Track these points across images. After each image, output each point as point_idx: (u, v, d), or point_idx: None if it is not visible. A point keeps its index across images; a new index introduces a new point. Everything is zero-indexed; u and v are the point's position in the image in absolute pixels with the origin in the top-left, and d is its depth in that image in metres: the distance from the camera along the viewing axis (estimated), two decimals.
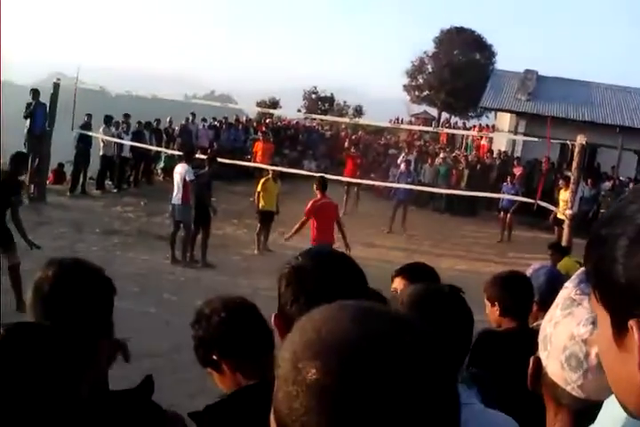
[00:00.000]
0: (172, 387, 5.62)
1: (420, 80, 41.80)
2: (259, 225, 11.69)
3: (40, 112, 13.05)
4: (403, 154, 19.73)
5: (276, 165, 13.55)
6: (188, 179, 9.97)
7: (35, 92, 13.23)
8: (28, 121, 13.10)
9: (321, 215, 8.99)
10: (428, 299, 1.79)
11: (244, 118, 22.01)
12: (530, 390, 1.05)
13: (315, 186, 9.26)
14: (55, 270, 1.54)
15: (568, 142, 10.87)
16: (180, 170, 10.16)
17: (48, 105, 13.06)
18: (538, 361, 1.02)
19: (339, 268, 1.48)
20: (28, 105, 13.13)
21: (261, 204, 11.64)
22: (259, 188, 11.74)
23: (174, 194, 10.19)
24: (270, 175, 11.90)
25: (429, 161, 19.43)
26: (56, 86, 13.25)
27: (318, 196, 9.15)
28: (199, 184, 10.17)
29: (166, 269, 9.76)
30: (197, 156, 15.07)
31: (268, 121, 21.76)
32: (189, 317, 6.75)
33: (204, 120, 19.06)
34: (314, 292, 1.40)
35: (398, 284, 2.77)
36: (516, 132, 22.32)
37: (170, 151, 15.99)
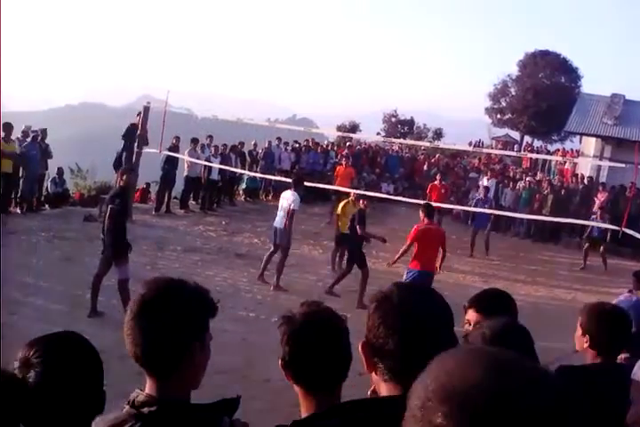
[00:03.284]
0: (243, 403, 5.75)
1: (503, 103, 41.28)
2: (335, 246, 11.78)
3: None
4: (484, 178, 19.50)
5: (355, 188, 13.62)
6: (293, 208, 10.16)
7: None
8: (123, 141, 13.79)
9: (424, 241, 8.81)
10: (505, 339, 1.79)
11: (325, 142, 22.31)
12: None
13: (421, 212, 9.13)
14: (149, 290, 1.58)
15: None
16: (289, 197, 10.30)
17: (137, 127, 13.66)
18: None
19: (424, 302, 1.49)
20: (131, 126, 13.75)
21: (339, 226, 11.68)
22: (338, 211, 11.78)
23: (278, 217, 10.36)
24: (350, 199, 11.91)
25: (511, 185, 19.12)
26: (146, 109, 13.85)
27: (425, 222, 9.02)
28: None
29: (244, 288, 9.97)
30: (280, 178, 15.45)
31: (347, 144, 21.95)
32: (264, 334, 6.93)
33: (286, 144, 19.46)
34: (399, 324, 1.43)
35: (471, 316, 2.66)
36: (601, 157, 21.66)
37: (252, 173, 16.39)
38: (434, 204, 12.84)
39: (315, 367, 1.79)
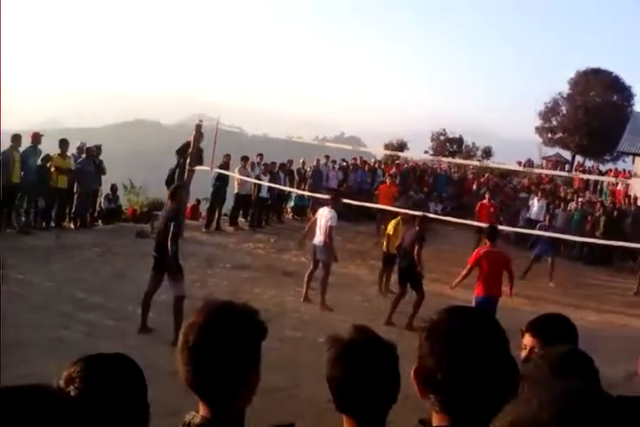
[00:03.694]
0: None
1: (554, 122, 40.72)
2: (382, 267, 11.73)
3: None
4: (534, 198, 19.22)
5: (398, 208, 13.54)
6: (330, 224, 10.18)
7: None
8: (177, 158, 14.09)
9: (487, 265, 8.67)
10: (571, 368, 1.75)
11: (372, 160, 22.33)
12: None
13: (485, 235, 9.04)
14: (203, 318, 1.56)
15: None
16: (326, 214, 10.35)
17: (191, 145, 13.92)
18: None
19: (477, 331, 1.44)
20: (187, 144, 14.04)
21: (389, 246, 11.59)
22: (390, 230, 11.63)
23: (317, 235, 10.41)
24: (399, 218, 11.83)
25: (562, 206, 18.80)
26: (198, 127, 14.10)
27: (487, 244, 8.97)
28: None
29: (291, 306, 9.99)
30: (327, 196, 15.51)
31: (396, 163, 21.93)
32: (311, 355, 6.92)
33: (334, 162, 19.55)
34: (448, 357, 1.39)
35: (528, 341, 2.61)
36: None
37: (300, 192, 16.50)
38: (481, 223, 12.78)
39: (360, 393, 1.78)
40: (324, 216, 10.37)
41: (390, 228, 11.63)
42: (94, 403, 1.54)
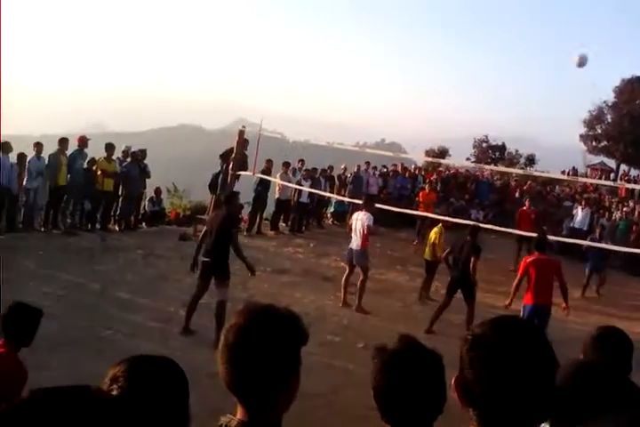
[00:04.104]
0: None
1: (599, 130, 40.01)
2: (425, 274, 11.66)
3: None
4: (578, 207, 18.90)
5: (439, 214, 13.46)
6: (368, 224, 10.19)
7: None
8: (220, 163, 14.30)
9: (535, 274, 8.50)
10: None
11: (413, 167, 22.22)
12: None
13: (533, 244, 8.91)
14: (244, 320, 1.57)
15: None
16: (362, 217, 10.37)
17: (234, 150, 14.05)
18: None
19: (520, 343, 1.38)
20: (230, 149, 14.21)
21: (432, 254, 11.45)
22: (435, 239, 11.46)
23: (353, 239, 10.43)
24: (440, 226, 11.72)
25: (606, 215, 18.45)
26: (241, 133, 14.23)
27: (535, 253, 8.81)
28: None
29: (330, 311, 10.01)
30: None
31: (437, 170, 21.80)
32: (350, 360, 6.95)
33: (375, 168, 19.55)
34: (486, 372, 1.36)
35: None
36: None
37: (340, 197, 16.53)
38: (524, 232, 12.59)
39: (405, 403, 1.77)
40: (359, 220, 10.39)
41: (434, 236, 11.50)
42: (136, 402, 1.56)
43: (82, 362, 6.34)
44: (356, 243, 10.37)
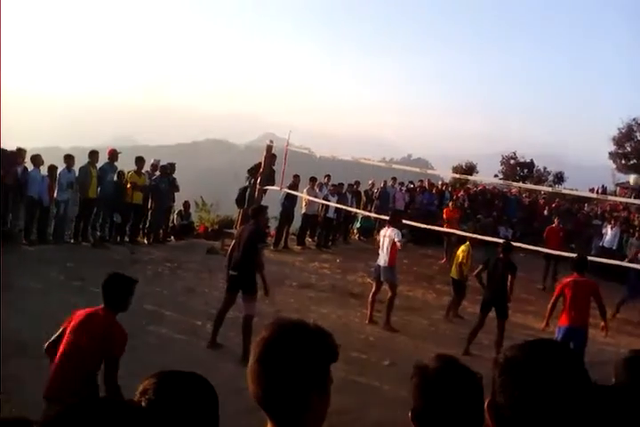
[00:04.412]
0: None
1: (628, 148, 39.61)
2: (453, 293, 11.57)
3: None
4: (608, 226, 18.68)
5: (466, 231, 13.33)
6: (397, 240, 10.11)
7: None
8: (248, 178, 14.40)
9: (571, 294, 8.33)
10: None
11: (440, 183, 22.13)
12: None
13: (572, 264, 8.79)
14: (274, 334, 1.56)
15: None
16: (389, 233, 10.32)
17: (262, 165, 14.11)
18: None
19: (551, 368, 1.34)
20: (258, 164, 14.31)
21: (459, 273, 11.35)
22: (463, 258, 11.27)
23: (381, 256, 10.37)
24: (469, 244, 11.59)
25: (636, 234, 18.17)
26: (269, 148, 14.29)
27: (574, 275, 8.61)
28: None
29: (356, 328, 9.96)
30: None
31: (465, 186, 21.67)
32: (376, 378, 6.90)
33: (402, 184, 19.51)
34: (516, 395, 1.33)
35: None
36: None
37: (366, 213, 16.50)
38: (554, 251, 12.41)
39: (445, 423, 1.75)
40: (387, 236, 10.33)
41: (462, 255, 11.30)
42: (164, 415, 1.58)
43: None
44: (383, 259, 10.31)
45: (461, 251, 11.40)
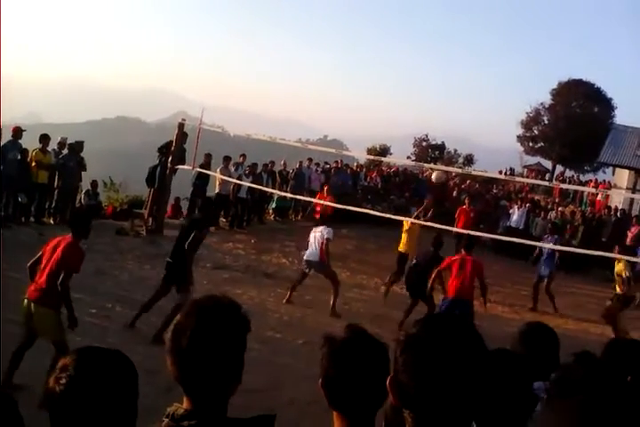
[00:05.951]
0: None
1: (535, 131, 41.15)
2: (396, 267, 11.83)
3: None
4: (515, 206, 19.41)
5: (381, 211, 13.56)
6: (327, 237, 10.28)
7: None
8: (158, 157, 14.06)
9: (456, 271, 8.95)
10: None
11: (355, 164, 22.39)
12: None
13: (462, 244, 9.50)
14: (188, 316, 1.59)
15: None
16: (322, 230, 10.40)
17: (173, 143, 13.83)
18: None
19: (454, 339, 1.35)
20: (169, 142, 13.99)
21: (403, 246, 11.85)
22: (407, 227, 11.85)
23: (309, 251, 10.42)
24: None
25: (542, 214, 18.99)
26: (181, 126, 14.00)
27: (462, 253, 9.25)
28: None
29: (272, 307, 9.97)
30: (309, 198, 15.54)
31: (380, 168, 22.00)
32: (290, 356, 6.91)
33: (317, 164, 19.59)
34: (426, 366, 1.33)
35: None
36: (634, 190, 21.45)
37: (282, 193, 16.45)
38: (460, 230, 12.84)
39: (353, 390, 1.79)
40: (319, 231, 10.45)
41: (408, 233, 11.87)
42: (83, 391, 1.58)
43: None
44: (314, 255, 10.35)
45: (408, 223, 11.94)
